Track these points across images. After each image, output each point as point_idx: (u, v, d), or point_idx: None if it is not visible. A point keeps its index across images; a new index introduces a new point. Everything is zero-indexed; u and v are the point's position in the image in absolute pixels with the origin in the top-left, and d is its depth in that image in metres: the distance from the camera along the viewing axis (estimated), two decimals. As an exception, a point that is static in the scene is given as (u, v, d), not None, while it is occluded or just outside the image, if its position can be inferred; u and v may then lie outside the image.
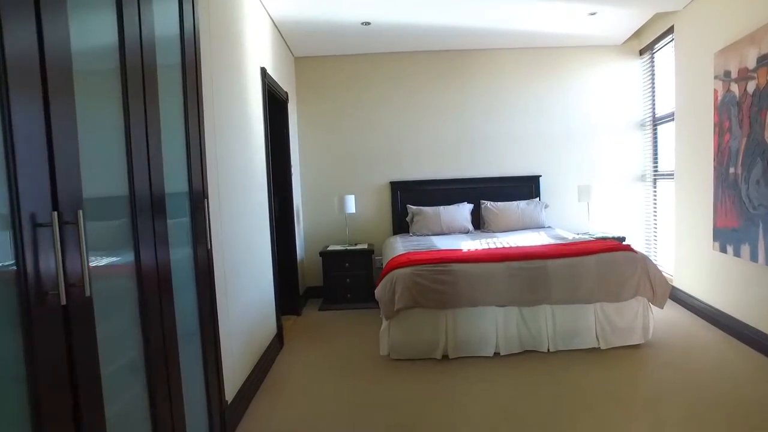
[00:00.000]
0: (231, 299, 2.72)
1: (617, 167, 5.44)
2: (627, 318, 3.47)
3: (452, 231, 5.06)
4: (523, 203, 5.20)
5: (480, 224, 5.33)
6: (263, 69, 3.71)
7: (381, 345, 3.48)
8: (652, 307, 3.52)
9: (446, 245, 4.24)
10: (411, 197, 5.41)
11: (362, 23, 4.42)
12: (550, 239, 4.30)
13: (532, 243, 4.13)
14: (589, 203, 5.23)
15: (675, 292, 4.47)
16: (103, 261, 1.39)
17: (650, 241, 5.28)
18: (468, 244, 4.23)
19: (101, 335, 1.24)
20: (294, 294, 4.74)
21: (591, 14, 4.40)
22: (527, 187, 5.42)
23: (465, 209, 5.22)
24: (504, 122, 5.42)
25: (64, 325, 1.10)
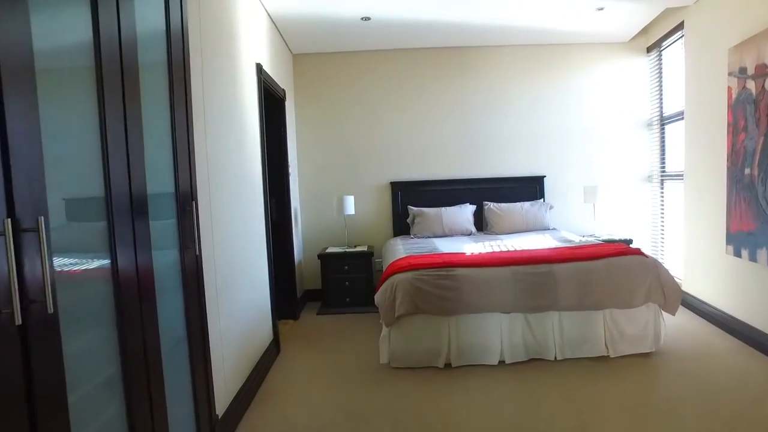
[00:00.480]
0: (223, 305, 2.58)
1: (623, 167, 5.30)
2: (637, 325, 3.34)
3: (454, 233, 4.92)
4: (527, 204, 5.06)
5: (483, 226, 5.20)
6: (259, 65, 3.58)
7: (381, 353, 3.34)
8: (664, 314, 3.39)
9: (448, 248, 4.11)
10: (412, 198, 5.27)
11: (362, 18, 4.29)
12: (556, 242, 4.16)
13: (538, 246, 3.99)
14: (595, 204, 5.09)
15: (685, 297, 4.33)
16: (77, 267, 1.29)
17: (657, 244, 5.14)
18: (471, 247, 4.11)
19: (71, 351, 1.15)
20: (291, 297, 4.60)
21: (599, 9, 4.26)
22: (531, 188, 5.28)
23: (467, 210, 5.08)
24: (507, 121, 5.28)
25: (21, 348, 0.99)
